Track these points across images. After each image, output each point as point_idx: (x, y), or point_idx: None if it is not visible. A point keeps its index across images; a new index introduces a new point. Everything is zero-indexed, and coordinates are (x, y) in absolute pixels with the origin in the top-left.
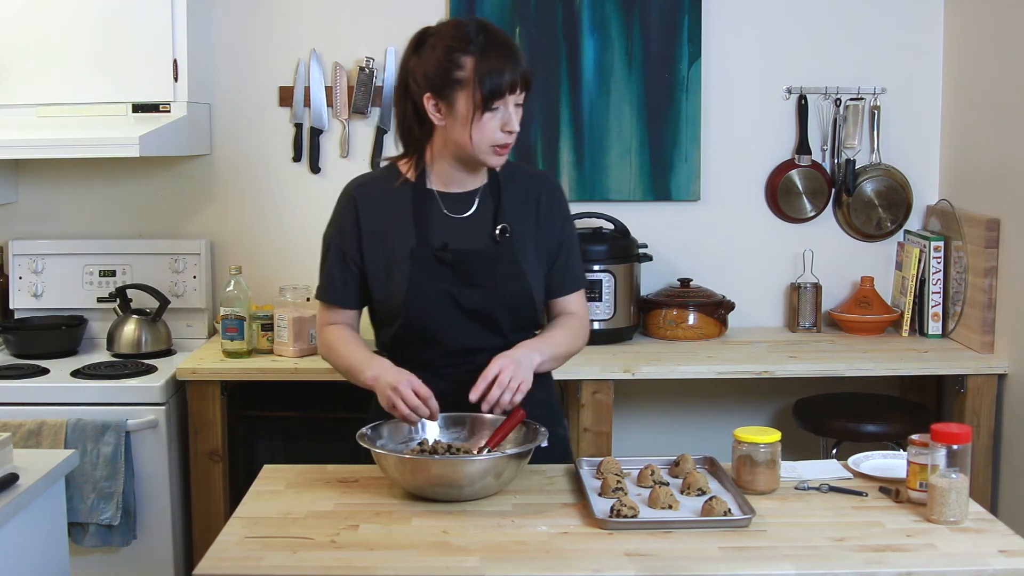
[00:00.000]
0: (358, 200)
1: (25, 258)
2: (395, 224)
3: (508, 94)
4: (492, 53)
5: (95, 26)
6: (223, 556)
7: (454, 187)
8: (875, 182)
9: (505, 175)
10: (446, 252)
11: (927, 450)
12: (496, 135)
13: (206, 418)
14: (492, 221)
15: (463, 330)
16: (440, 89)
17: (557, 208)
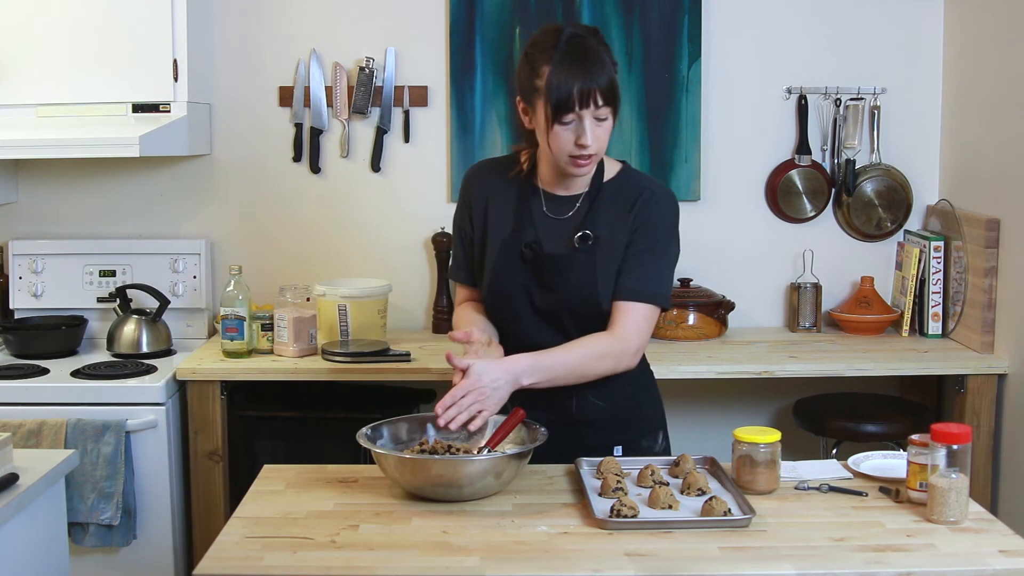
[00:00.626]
0: (472, 182)
1: (25, 258)
2: (499, 212)
3: (581, 108)
4: (566, 64)
5: (95, 26)
6: (223, 556)
7: (558, 189)
8: (875, 182)
9: (613, 183)
10: (529, 249)
11: (927, 450)
12: (570, 147)
13: (206, 418)
14: (577, 227)
15: (533, 327)
16: (526, 96)
17: (645, 215)
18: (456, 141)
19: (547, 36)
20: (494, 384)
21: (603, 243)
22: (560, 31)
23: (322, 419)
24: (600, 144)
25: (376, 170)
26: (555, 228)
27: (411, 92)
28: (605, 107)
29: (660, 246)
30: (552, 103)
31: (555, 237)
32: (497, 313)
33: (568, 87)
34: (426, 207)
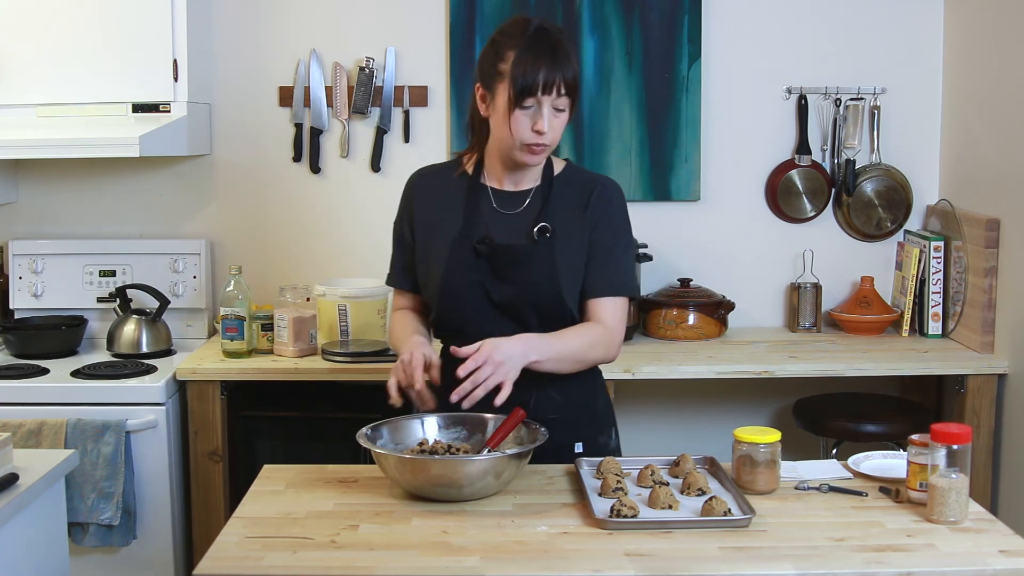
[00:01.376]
0: (415, 188)
1: (25, 258)
2: (446, 214)
3: (541, 94)
4: (533, 51)
5: (95, 26)
6: (223, 556)
7: (507, 184)
8: (875, 182)
9: (562, 178)
10: (483, 245)
11: (927, 450)
12: (527, 134)
13: (206, 418)
14: (533, 221)
15: (493, 324)
16: (486, 80)
17: (603, 209)
18: (456, 141)
19: (515, 25)
20: (508, 355)
21: (559, 236)
22: (528, 21)
23: (322, 419)
24: (555, 135)
25: (376, 170)
26: (507, 223)
27: (411, 92)
28: (565, 97)
29: (625, 239)
30: (516, 86)
31: (508, 231)
32: (452, 313)
33: (534, 72)
34: None
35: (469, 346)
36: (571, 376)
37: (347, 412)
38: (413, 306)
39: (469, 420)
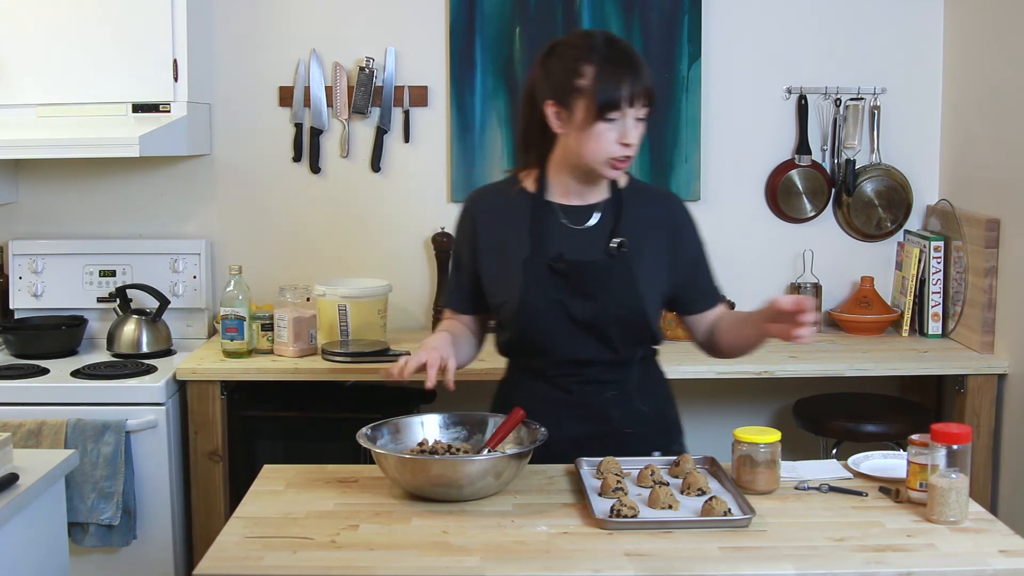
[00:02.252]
0: (475, 212)
1: (25, 258)
2: (512, 234)
3: (626, 106)
4: (613, 64)
5: (95, 26)
6: (223, 556)
7: (573, 199)
8: (875, 182)
9: (629, 191)
10: (560, 262)
11: (927, 450)
12: (612, 147)
13: (206, 418)
14: (610, 234)
15: (573, 341)
16: (562, 97)
17: (684, 223)
18: (456, 141)
19: (584, 39)
20: None
21: (635, 249)
22: (595, 34)
23: (322, 419)
24: (638, 144)
25: (376, 170)
26: (578, 238)
27: (411, 92)
28: (644, 107)
29: (704, 248)
30: (600, 101)
31: (580, 247)
32: (532, 332)
33: (617, 85)
34: (426, 207)
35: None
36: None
37: (347, 412)
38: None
39: (469, 420)
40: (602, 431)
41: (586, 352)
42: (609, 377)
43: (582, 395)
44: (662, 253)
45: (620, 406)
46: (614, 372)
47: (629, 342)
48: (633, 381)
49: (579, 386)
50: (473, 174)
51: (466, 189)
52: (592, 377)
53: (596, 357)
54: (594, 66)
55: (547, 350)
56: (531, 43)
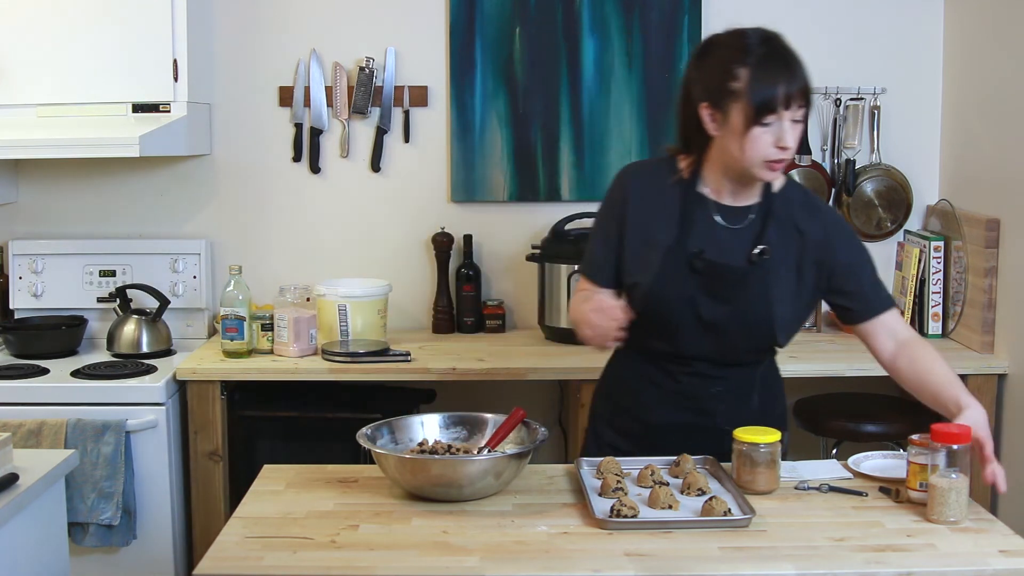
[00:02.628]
0: (629, 188)
1: (25, 258)
2: (660, 218)
3: (782, 109)
4: (768, 66)
5: (95, 26)
6: (223, 556)
7: (725, 198)
8: (875, 182)
9: (781, 197)
10: (699, 260)
11: (927, 450)
12: (769, 151)
13: (206, 418)
14: (755, 240)
15: (695, 338)
16: (716, 99)
17: (839, 232)
18: (456, 141)
19: (738, 40)
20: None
21: (775, 258)
22: (750, 34)
23: (322, 419)
24: (795, 147)
25: (376, 170)
26: (726, 238)
27: (411, 92)
28: (801, 108)
29: (863, 256)
30: (755, 104)
31: (724, 248)
32: (656, 321)
33: (773, 88)
34: (426, 207)
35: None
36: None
37: (347, 412)
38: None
39: (469, 420)
40: (703, 424)
41: (703, 349)
42: (717, 373)
43: (689, 386)
44: (807, 265)
45: (725, 402)
46: (724, 369)
47: (750, 349)
48: (742, 379)
49: (687, 377)
50: (473, 174)
51: (466, 189)
52: (701, 371)
53: (713, 356)
54: (748, 68)
55: (667, 340)
56: (531, 43)
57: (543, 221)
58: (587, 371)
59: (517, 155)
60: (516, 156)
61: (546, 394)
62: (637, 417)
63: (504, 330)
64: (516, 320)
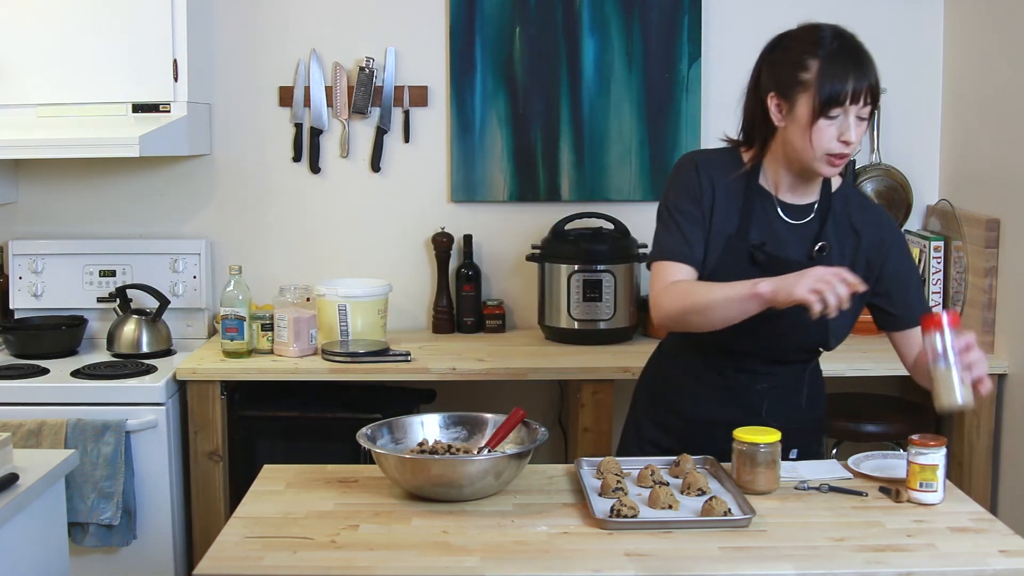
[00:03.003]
0: (700, 171)
1: (25, 258)
2: (723, 204)
3: (849, 103)
4: (839, 60)
5: (95, 26)
6: (223, 556)
7: (783, 193)
8: (875, 182)
9: (840, 197)
10: (760, 252)
11: (927, 450)
12: (832, 144)
13: (206, 418)
14: (815, 237)
15: (748, 331)
16: (784, 89)
17: (895, 244)
18: (456, 141)
19: (811, 33)
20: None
21: (832, 257)
22: (823, 28)
23: (322, 419)
24: (857, 145)
25: (376, 170)
26: (788, 234)
27: (411, 92)
28: (867, 106)
29: (912, 268)
30: (823, 96)
31: (786, 243)
32: None
33: (843, 81)
34: (426, 207)
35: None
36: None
37: (347, 412)
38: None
39: (469, 420)
40: (748, 421)
41: (754, 345)
42: (766, 370)
43: (736, 382)
44: (860, 266)
45: (772, 399)
46: (773, 366)
47: (799, 348)
48: (790, 377)
49: (735, 373)
50: (473, 174)
51: (466, 189)
52: (750, 367)
53: (763, 352)
54: (819, 60)
55: (719, 332)
56: (531, 43)
57: (543, 221)
58: (587, 371)
59: (517, 155)
60: (516, 156)
61: (546, 394)
62: (680, 413)
63: (504, 330)
64: (516, 320)
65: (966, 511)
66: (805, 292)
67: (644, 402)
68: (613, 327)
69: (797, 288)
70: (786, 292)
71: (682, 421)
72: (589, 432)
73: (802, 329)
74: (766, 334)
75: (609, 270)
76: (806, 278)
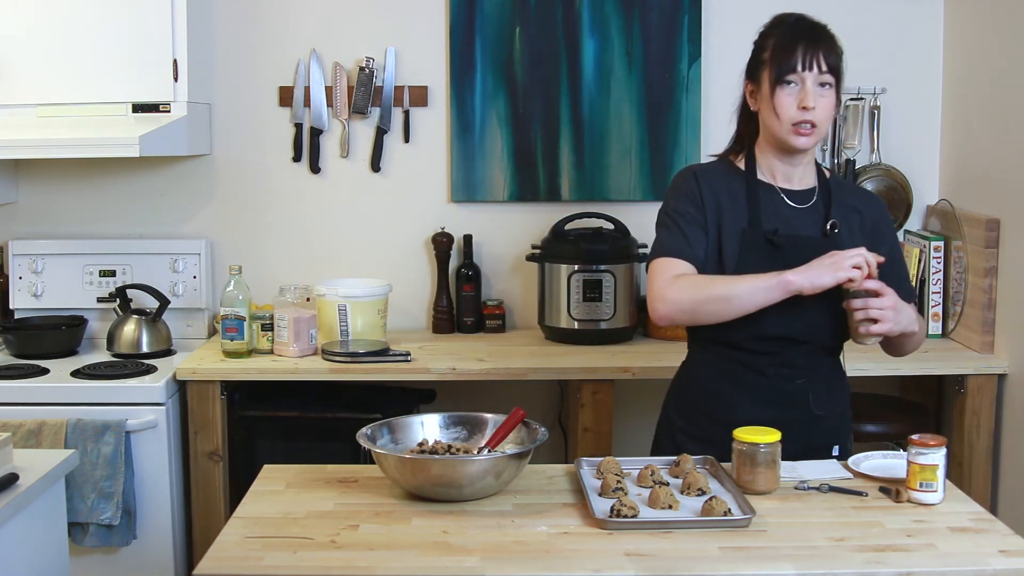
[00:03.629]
0: (700, 180)
1: (25, 258)
2: (729, 204)
3: (803, 70)
4: (792, 33)
5: (95, 26)
6: (223, 556)
7: (780, 181)
8: (875, 182)
9: (834, 182)
10: (778, 236)
11: (927, 450)
12: (793, 112)
13: (206, 418)
14: (823, 218)
15: (783, 316)
16: (752, 73)
17: (886, 225)
18: (456, 141)
19: (776, 18)
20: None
21: (843, 236)
22: (788, 15)
23: (322, 419)
24: (822, 114)
25: (376, 170)
26: (796, 218)
27: (411, 92)
28: (828, 74)
29: (900, 249)
30: (776, 66)
31: (796, 226)
32: None
33: (792, 49)
34: (426, 207)
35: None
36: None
37: (347, 412)
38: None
39: (469, 420)
40: (794, 416)
41: (790, 328)
42: (802, 363)
43: (777, 378)
44: (866, 243)
45: (814, 392)
46: (808, 358)
47: (831, 326)
48: (824, 369)
49: (775, 369)
50: (473, 174)
51: (466, 189)
52: (788, 361)
53: (798, 335)
54: (775, 38)
55: (755, 321)
56: (531, 43)
57: (543, 221)
58: (587, 371)
59: (517, 155)
60: (516, 156)
61: (546, 394)
62: (719, 419)
63: (504, 330)
64: (516, 320)
65: (966, 511)
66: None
67: (678, 421)
68: (613, 327)
69: (823, 276)
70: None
71: (722, 428)
72: (589, 432)
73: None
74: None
75: (609, 270)
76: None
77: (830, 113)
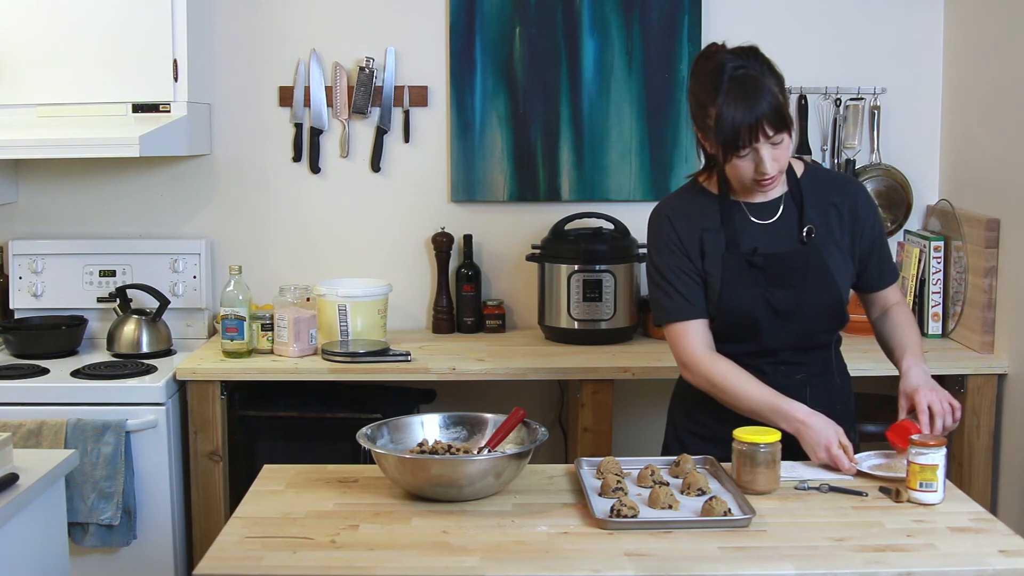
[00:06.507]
0: (673, 218)
1: (25, 258)
2: (706, 233)
3: (750, 143)
4: (731, 104)
5: (95, 26)
6: (223, 556)
7: (754, 197)
8: (875, 182)
9: (807, 179)
10: (756, 256)
11: (927, 450)
12: (750, 174)
13: (206, 418)
14: (798, 225)
15: (774, 330)
16: (700, 128)
17: (867, 210)
18: (456, 141)
19: (710, 72)
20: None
21: (821, 236)
22: (723, 65)
23: (322, 419)
24: (780, 165)
25: (376, 170)
26: (767, 232)
27: (411, 92)
28: (778, 134)
29: (883, 231)
30: (722, 144)
31: (771, 240)
32: (735, 326)
33: (736, 128)
34: (426, 207)
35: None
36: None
37: (347, 412)
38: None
39: (469, 420)
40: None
41: (786, 339)
42: (800, 359)
43: (775, 376)
44: (844, 236)
45: (811, 386)
46: (806, 355)
47: (826, 328)
48: (822, 361)
49: (772, 367)
50: (473, 174)
51: (466, 189)
52: (785, 359)
53: (794, 343)
54: (716, 108)
55: (751, 339)
56: (531, 43)
57: (543, 221)
58: (587, 371)
59: (517, 155)
60: (516, 156)
61: (546, 394)
62: (724, 418)
63: (504, 330)
64: (516, 320)
65: (966, 511)
66: (816, 458)
67: (684, 421)
68: (613, 327)
69: (812, 452)
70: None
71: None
72: (589, 432)
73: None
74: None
75: (609, 270)
76: (812, 445)
77: (788, 155)
